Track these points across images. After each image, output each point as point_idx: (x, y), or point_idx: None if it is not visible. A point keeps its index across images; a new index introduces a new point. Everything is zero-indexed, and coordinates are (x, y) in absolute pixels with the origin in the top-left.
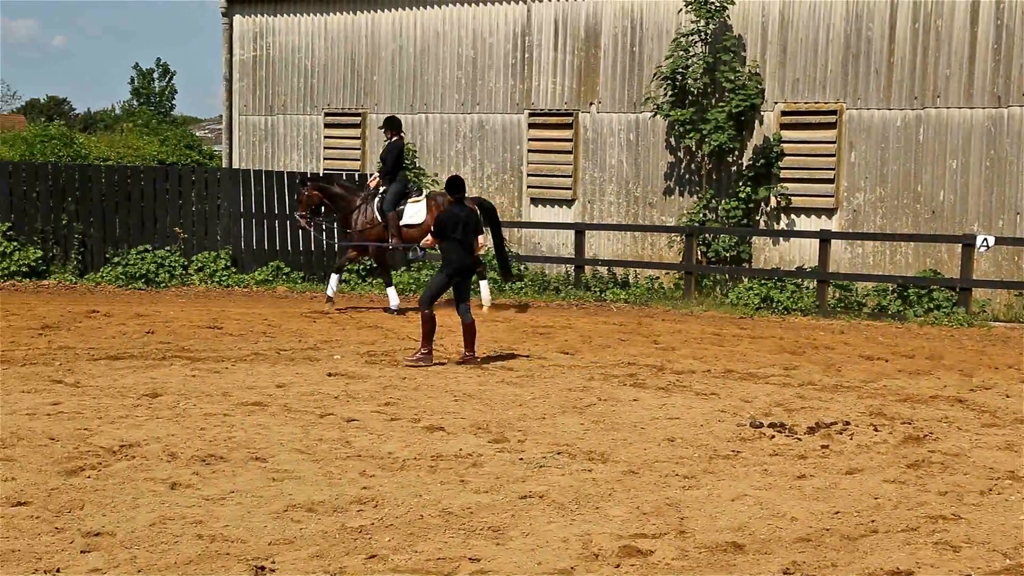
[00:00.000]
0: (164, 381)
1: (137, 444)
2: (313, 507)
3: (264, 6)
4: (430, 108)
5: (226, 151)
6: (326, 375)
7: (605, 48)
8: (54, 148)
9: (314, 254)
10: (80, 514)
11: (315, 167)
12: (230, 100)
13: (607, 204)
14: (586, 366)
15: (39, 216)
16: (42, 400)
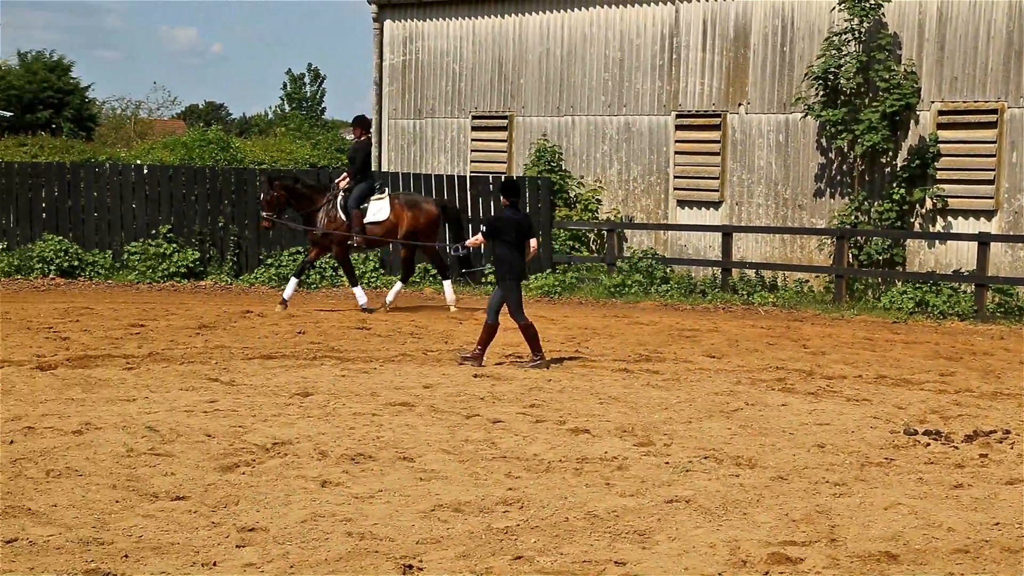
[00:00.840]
0: (315, 380)
1: (289, 442)
2: (460, 507)
3: (413, 11)
4: (576, 111)
5: (375, 154)
6: (472, 376)
7: (755, 48)
8: (212, 152)
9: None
10: (235, 509)
11: (462, 170)
12: (380, 104)
13: (755, 206)
14: (733, 370)
15: (197, 219)
16: (199, 398)
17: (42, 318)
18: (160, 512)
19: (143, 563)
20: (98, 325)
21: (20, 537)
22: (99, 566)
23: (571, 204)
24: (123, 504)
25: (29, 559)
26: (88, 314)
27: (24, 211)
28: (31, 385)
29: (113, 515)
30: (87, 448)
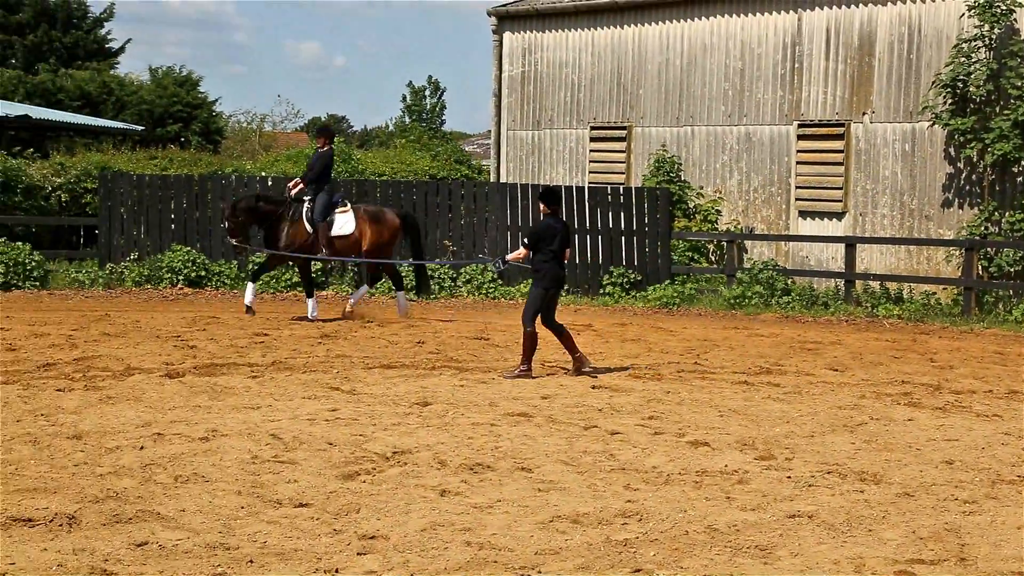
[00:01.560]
0: (434, 390)
1: (409, 451)
2: (578, 518)
3: (533, 23)
4: (696, 121)
5: (494, 165)
6: (590, 387)
7: (880, 56)
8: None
9: (579, 266)
10: (356, 517)
11: (580, 181)
12: (499, 115)
13: (880, 217)
14: (857, 384)
15: None
16: (321, 406)
17: (170, 327)
18: (284, 518)
19: (268, 568)
20: (224, 334)
21: (150, 541)
22: (226, 571)
23: (690, 215)
24: (248, 510)
25: (159, 562)
26: (214, 323)
27: (154, 222)
28: (160, 392)
29: (238, 521)
30: (213, 454)
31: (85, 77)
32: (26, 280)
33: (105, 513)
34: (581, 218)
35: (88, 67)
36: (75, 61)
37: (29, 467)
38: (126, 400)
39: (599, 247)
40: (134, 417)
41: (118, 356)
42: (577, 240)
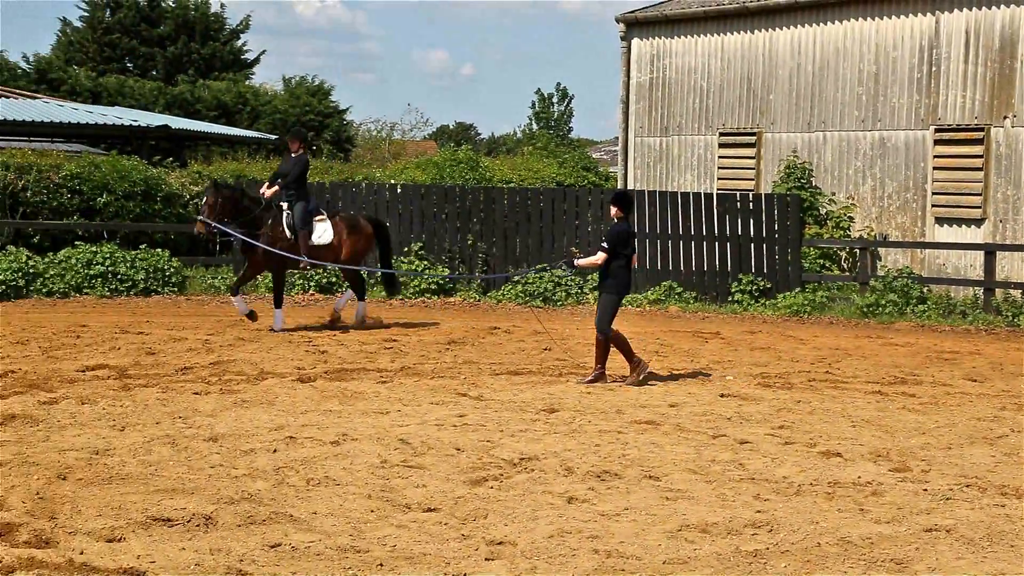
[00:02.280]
0: (560, 397)
1: (536, 457)
2: (707, 528)
3: (661, 28)
4: (827, 126)
5: (621, 172)
6: (718, 396)
7: (1022, 58)
8: (461, 171)
9: (707, 274)
10: (484, 523)
11: (708, 187)
12: (626, 122)
13: (1021, 224)
14: (997, 395)
15: (447, 236)
16: (449, 412)
17: (302, 332)
18: (412, 523)
19: (397, 572)
20: (353, 339)
21: (283, 542)
22: (356, 573)
23: (821, 222)
24: (378, 514)
25: (292, 564)
26: (344, 329)
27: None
28: (292, 396)
29: (368, 524)
30: (344, 458)
31: (221, 88)
32: (165, 286)
33: (240, 514)
34: (709, 225)
35: (224, 78)
36: (212, 72)
37: (168, 468)
38: (260, 404)
39: (727, 254)
40: (267, 420)
41: (252, 360)
42: (705, 247)
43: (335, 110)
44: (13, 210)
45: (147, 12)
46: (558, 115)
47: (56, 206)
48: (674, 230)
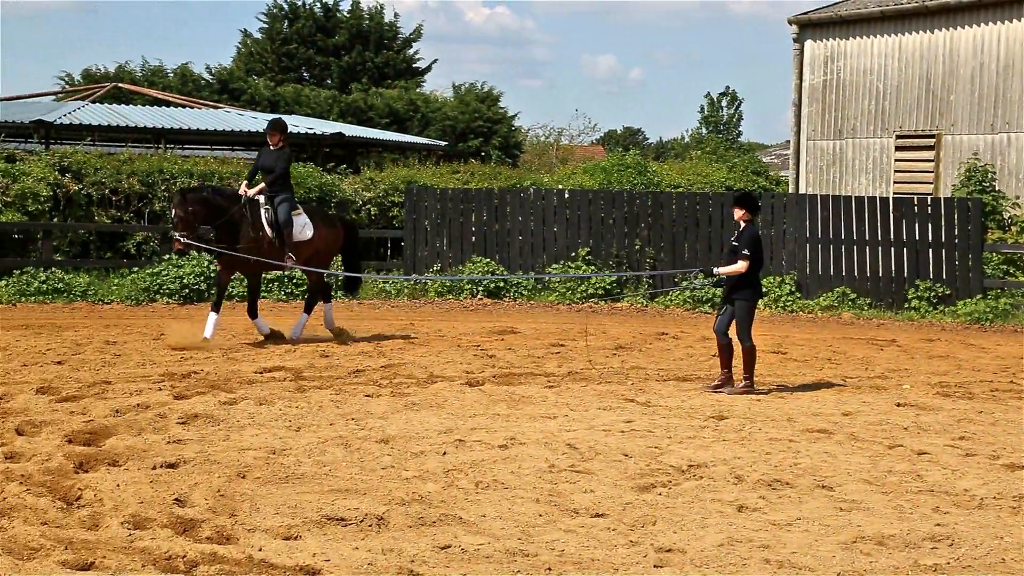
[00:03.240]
0: (730, 404)
1: (705, 465)
2: (883, 540)
3: (836, 30)
4: (1012, 127)
5: (793, 176)
6: (895, 405)
7: None
8: (629, 176)
9: (882, 280)
10: (652, 529)
11: (883, 191)
12: (798, 125)
13: None
14: None
15: (614, 241)
16: (616, 417)
17: (471, 337)
18: (580, 528)
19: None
20: (521, 344)
21: (453, 544)
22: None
23: (1005, 227)
24: (546, 518)
25: (462, 566)
26: (512, 333)
27: (456, 234)
28: (461, 400)
29: (536, 528)
30: (512, 462)
31: (393, 95)
32: (337, 290)
33: (411, 515)
34: (885, 230)
35: (396, 86)
36: (385, 80)
37: (341, 468)
38: (429, 407)
39: (904, 260)
40: (437, 423)
41: (422, 364)
42: (880, 252)
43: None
44: None
45: (323, 22)
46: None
47: None
48: (848, 235)
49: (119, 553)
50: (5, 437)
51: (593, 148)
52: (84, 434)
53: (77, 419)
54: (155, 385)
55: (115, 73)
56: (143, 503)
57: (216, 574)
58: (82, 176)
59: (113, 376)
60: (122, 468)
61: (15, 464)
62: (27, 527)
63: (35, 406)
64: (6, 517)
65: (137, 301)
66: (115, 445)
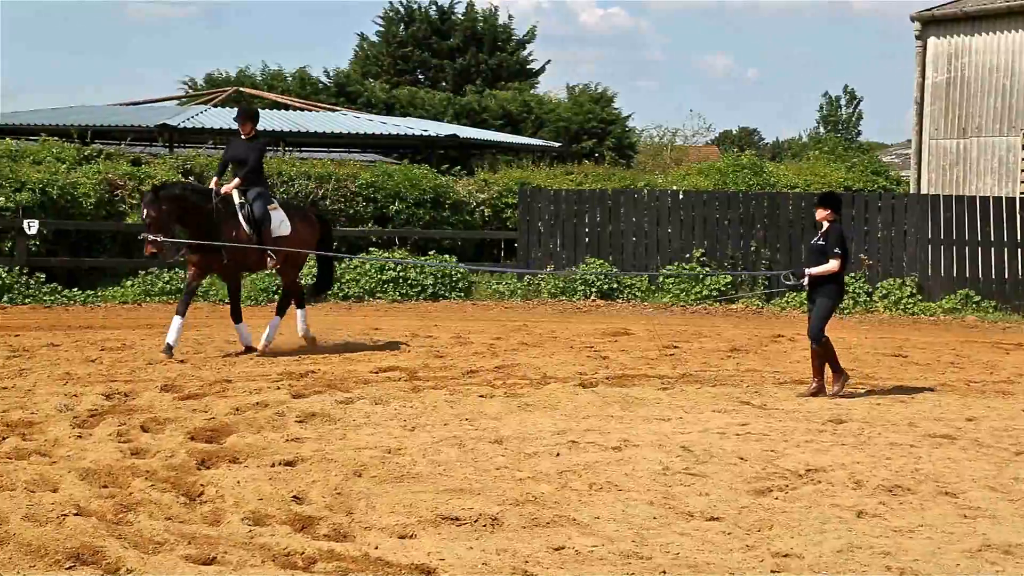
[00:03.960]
0: (848, 408)
1: (823, 469)
2: (1010, 550)
3: (960, 26)
4: None
5: (914, 176)
6: (1021, 410)
7: None
8: (744, 177)
9: (1008, 283)
10: (769, 534)
11: (1010, 192)
12: (920, 124)
13: None
14: None
15: (729, 242)
16: (731, 420)
17: (584, 338)
18: (695, 531)
19: None
20: (635, 346)
21: (567, 545)
22: None
23: None
24: (660, 520)
25: (576, 567)
26: (625, 335)
27: (569, 236)
28: (574, 401)
29: (651, 531)
30: (626, 464)
31: (507, 97)
32: (452, 291)
33: (525, 516)
34: (1011, 231)
35: (510, 87)
36: (499, 82)
37: (455, 468)
38: (543, 408)
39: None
40: (550, 425)
41: (535, 365)
42: (1006, 254)
43: (617, 117)
44: None
45: (438, 25)
46: (846, 118)
47: (352, 213)
48: (972, 236)
49: (240, 548)
50: (131, 434)
51: (708, 149)
52: (206, 431)
53: (199, 417)
54: (274, 384)
55: (236, 77)
56: (262, 500)
57: (333, 571)
58: (204, 178)
59: (233, 375)
60: (242, 465)
61: (140, 460)
62: (152, 522)
63: (159, 404)
64: (132, 512)
65: (257, 301)
66: (235, 443)
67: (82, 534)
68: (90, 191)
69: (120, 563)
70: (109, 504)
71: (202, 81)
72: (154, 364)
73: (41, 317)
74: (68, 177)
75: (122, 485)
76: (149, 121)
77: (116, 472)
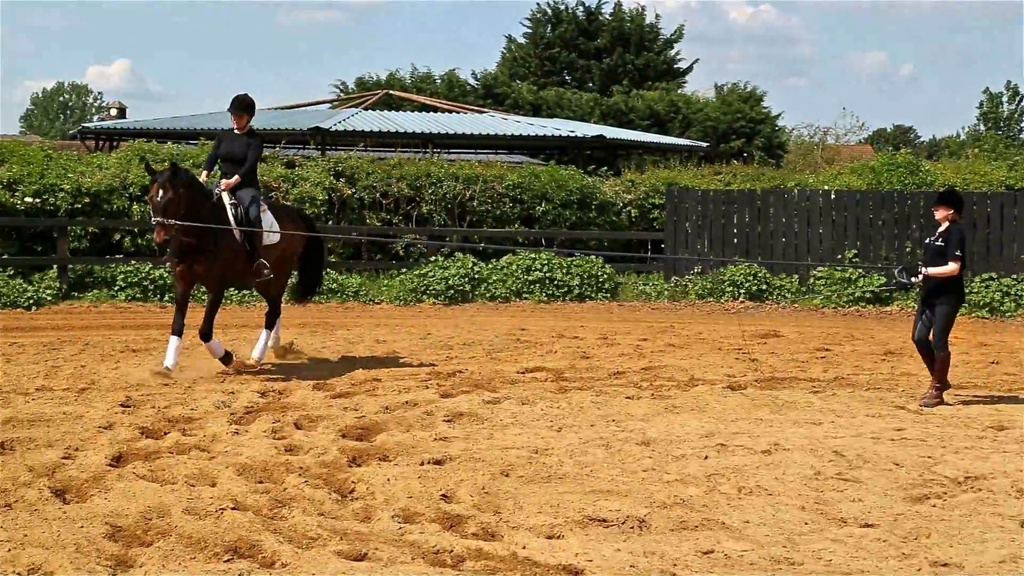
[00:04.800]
0: (1011, 413)
1: (983, 476)
2: None
3: None
4: None
5: None
6: None
7: None
8: (899, 176)
9: None
10: (926, 542)
11: None
12: None
13: None
14: None
15: (883, 243)
16: (886, 425)
17: (732, 340)
18: (848, 538)
19: None
20: (784, 348)
21: (716, 549)
22: None
23: None
24: (811, 526)
25: (724, 571)
26: (775, 337)
27: (717, 236)
28: (723, 404)
29: (802, 536)
30: (776, 468)
31: (654, 97)
32: (598, 292)
33: (672, 519)
34: None
35: (657, 87)
36: (646, 82)
37: (602, 470)
38: (690, 410)
39: None
40: (698, 427)
41: (682, 367)
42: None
43: (766, 116)
44: (461, 218)
45: (585, 26)
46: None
47: (499, 215)
48: None
49: (390, 545)
50: (285, 431)
51: (861, 148)
52: (356, 429)
53: (350, 415)
54: (422, 383)
55: (386, 81)
56: (412, 498)
57: (482, 570)
58: (355, 180)
59: (382, 374)
60: (392, 463)
61: (294, 457)
62: (305, 517)
63: (311, 401)
64: (287, 507)
65: (405, 301)
66: (385, 441)
67: (239, 528)
68: None
69: (275, 557)
70: (264, 499)
71: (353, 85)
72: (307, 363)
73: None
74: None
75: (277, 481)
76: (302, 124)
77: (271, 468)
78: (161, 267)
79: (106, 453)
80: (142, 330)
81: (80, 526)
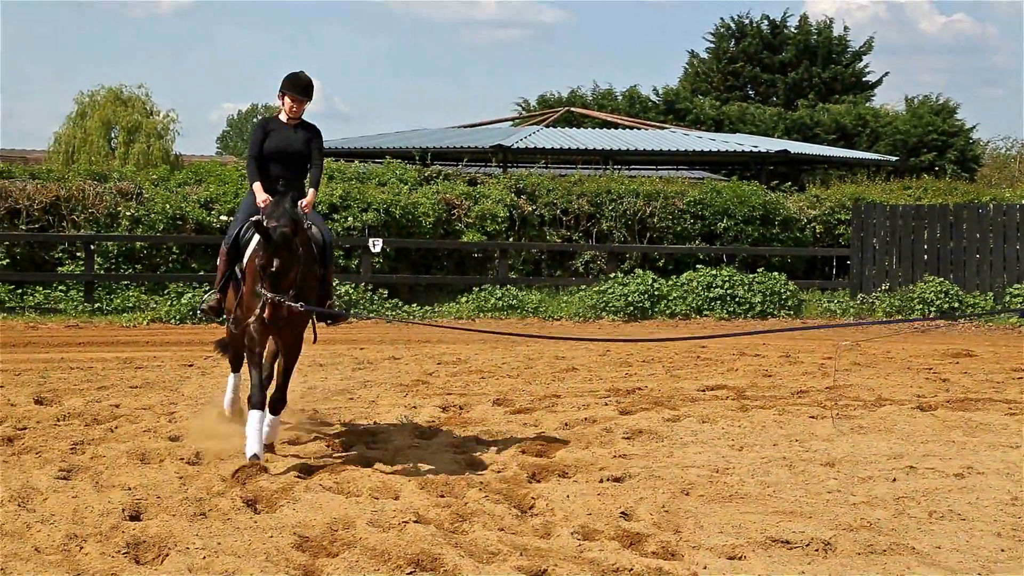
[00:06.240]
0: None
1: None
2: None
3: None
4: None
5: None
6: None
7: None
8: None
9: None
10: None
11: None
12: None
13: None
14: None
15: None
16: None
17: (922, 359)
18: None
19: None
20: (978, 368)
21: (906, 575)
22: None
23: None
24: (1009, 553)
25: None
26: (968, 356)
27: (906, 253)
28: (911, 425)
29: (999, 564)
30: (969, 492)
31: (841, 110)
32: (781, 309)
33: (859, 542)
34: None
35: (844, 100)
36: (832, 95)
37: (785, 490)
38: (877, 431)
39: None
40: (885, 448)
41: (869, 386)
42: None
43: (960, 128)
44: (641, 235)
45: (770, 40)
46: None
47: (679, 231)
48: None
49: (569, 562)
50: (466, 445)
51: None
52: (536, 445)
53: (529, 431)
54: (601, 400)
55: (568, 98)
56: (591, 515)
57: None
58: (536, 197)
59: (562, 390)
60: (571, 480)
61: (474, 472)
62: (486, 532)
63: (491, 417)
64: (467, 521)
65: (584, 318)
66: (564, 457)
67: (421, 541)
68: (429, 211)
69: (456, 571)
70: (446, 513)
71: (535, 102)
72: (487, 379)
73: (383, 331)
74: (409, 197)
75: (458, 495)
76: (484, 142)
77: (452, 482)
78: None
79: (293, 465)
80: (327, 345)
81: (270, 536)
